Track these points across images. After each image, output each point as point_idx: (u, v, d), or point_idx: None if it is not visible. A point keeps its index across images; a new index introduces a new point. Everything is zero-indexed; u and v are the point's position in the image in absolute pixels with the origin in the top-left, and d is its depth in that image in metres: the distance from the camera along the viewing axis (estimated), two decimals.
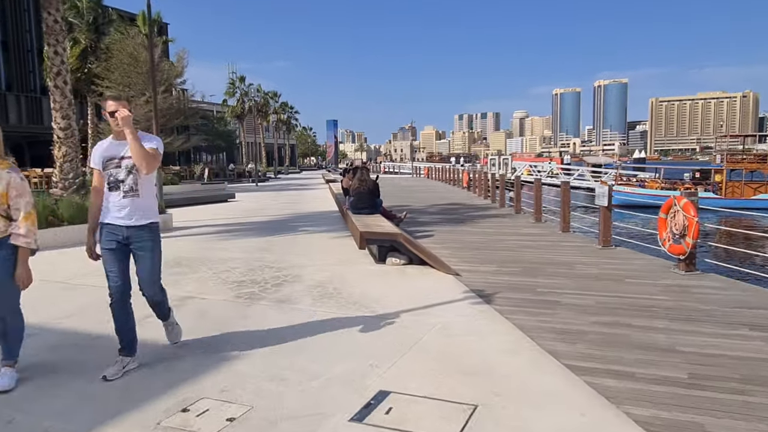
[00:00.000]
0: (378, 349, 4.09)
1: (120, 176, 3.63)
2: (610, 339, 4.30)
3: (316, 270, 7.13)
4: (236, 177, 44.70)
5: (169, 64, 27.18)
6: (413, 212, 13.75)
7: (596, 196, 8.63)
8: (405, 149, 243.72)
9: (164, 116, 26.39)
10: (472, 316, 4.96)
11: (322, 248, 8.99)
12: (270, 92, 68.75)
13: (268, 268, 7.31)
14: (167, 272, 7.16)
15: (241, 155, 59.12)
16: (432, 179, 41.38)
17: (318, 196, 22.82)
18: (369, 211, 9.56)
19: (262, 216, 14.73)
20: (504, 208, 15.69)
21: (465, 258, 7.88)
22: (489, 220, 12.89)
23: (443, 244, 9.17)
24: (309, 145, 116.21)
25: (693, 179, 33.71)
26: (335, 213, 14.94)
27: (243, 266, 7.45)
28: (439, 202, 18.28)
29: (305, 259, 7.90)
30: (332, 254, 8.35)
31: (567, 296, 5.66)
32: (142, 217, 3.71)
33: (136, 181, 3.64)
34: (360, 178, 9.77)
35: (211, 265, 7.58)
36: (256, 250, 8.76)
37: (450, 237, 10.07)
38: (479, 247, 8.87)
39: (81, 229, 9.81)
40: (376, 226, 8.07)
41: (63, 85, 10.68)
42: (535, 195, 12.45)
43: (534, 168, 45.41)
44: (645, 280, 6.38)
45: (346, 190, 11.08)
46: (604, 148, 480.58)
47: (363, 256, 8.01)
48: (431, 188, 27.31)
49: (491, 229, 11.21)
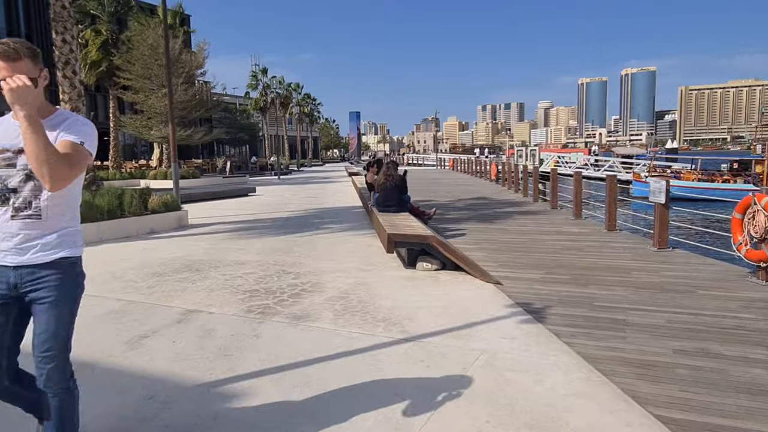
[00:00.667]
0: (413, 389, 3.32)
1: (12, 182, 2.13)
2: (701, 376, 3.45)
3: (338, 276, 6.39)
4: (258, 170, 44.31)
5: (190, 55, 26.67)
6: (440, 207, 12.92)
7: (651, 191, 7.70)
8: (428, 140, 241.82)
9: (185, 108, 25.97)
10: (523, 340, 4.15)
11: (345, 250, 8.24)
12: (293, 84, 68.34)
13: (286, 273, 6.58)
14: (173, 278, 6.54)
15: (264, 148, 58.75)
16: (457, 171, 40.40)
17: (340, 190, 22.11)
18: (396, 209, 8.78)
19: (282, 212, 14.07)
20: (538, 202, 14.76)
21: (503, 262, 7.06)
22: (524, 216, 11.99)
23: (477, 244, 8.35)
24: (332, 138, 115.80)
25: (731, 170, 32.10)
26: (359, 208, 14.20)
27: (258, 271, 6.74)
28: (467, 196, 17.41)
29: (327, 263, 7.16)
30: (356, 257, 7.60)
31: (632, 312, 4.81)
32: (46, 250, 2.17)
33: (38, 191, 2.13)
34: (386, 173, 8.98)
35: (223, 269, 6.89)
36: (274, 252, 8.06)
37: (483, 236, 9.23)
38: (518, 249, 8.02)
39: (89, 228, 9.27)
40: (406, 227, 7.27)
41: (72, 75, 10.07)
42: (575, 189, 11.51)
43: (562, 159, 44.03)
44: (719, 291, 5.48)
45: (371, 185, 10.29)
46: (631, 138, 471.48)
47: (390, 260, 7.24)
48: (457, 181, 26.38)
49: (528, 227, 10.33)
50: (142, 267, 7.10)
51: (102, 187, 10.12)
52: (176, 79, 25.46)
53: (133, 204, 9.98)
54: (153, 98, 24.78)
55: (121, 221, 9.74)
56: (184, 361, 3.82)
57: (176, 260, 7.56)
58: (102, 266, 7.19)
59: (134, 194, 10.18)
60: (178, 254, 8.04)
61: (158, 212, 10.49)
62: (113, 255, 8.09)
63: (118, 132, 28.18)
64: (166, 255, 7.96)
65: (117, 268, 7.01)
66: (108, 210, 9.58)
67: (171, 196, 10.83)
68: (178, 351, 4.02)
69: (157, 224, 10.36)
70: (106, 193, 9.80)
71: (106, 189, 9.96)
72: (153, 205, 10.46)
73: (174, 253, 8.18)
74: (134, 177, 26.97)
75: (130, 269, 6.98)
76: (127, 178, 26.96)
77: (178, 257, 7.78)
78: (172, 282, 6.25)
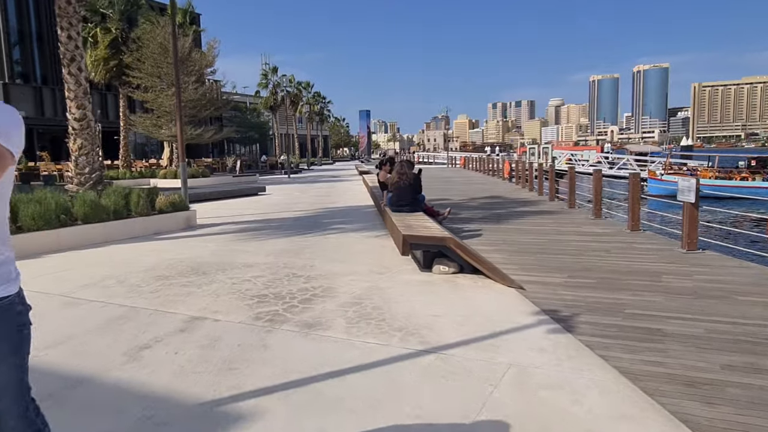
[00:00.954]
0: (436, 409, 3.00)
1: None
2: (757, 396, 3.10)
3: (351, 280, 6.08)
4: (268, 169, 44.16)
5: (200, 54, 26.49)
6: (453, 206, 12.57)
7: (680, 190, 7.32)
8: (438, 138, 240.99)
9: (195, 107, 25.81)
10: (554, 352, 3.82)
11: (357, 251, 7.94)
12: (303, 82, 68.20)
13: (296, 277, 6.29)
14: (179, 282, 6.27)
15: (274, 147, 58.63)
16: (469, 169, 39.97)
17: (351, 189, 21.83)
18: (410, 209, 8.46)
19: (292, 211, 13.80)
20: (554, 201, 14.37)
21: (524, 265, 6.72)
22: (541, 216, 11.63)
23: (495, 246, 8.01)
24: (342, 136, 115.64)
25: (749, 167, 31.43)
26: (370, 208, 13.90)
27: (267, 274, 6.45)
28: (481, 195, 17.04)
29: (339, 266, 6.86)
30: (369, 259, 7.30)
31: (668, 321, 4.46)
32: None
33: None
34: (399, 171, 8.66)
35: (231, 272, 6.61)
36: (283, 254, 7.78)
37: (500, 237, 8.89)
38: (538, 251, 7.67)
39: (95, 228, 9.05)
40: (422, 228, 6.95)
41: (77, 72, 9.84)
42: (594, 188, 11.13)
43: (574, 157, 43.40)
44: (759, 297, 5.11)
45: (383, 184, 9.98)
46: (644, 135, 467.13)
47: (405, 262, 6.92)
48: (470, 179, 25.99)
49: (547, 228, 9.96)
50: (147, 269, 6.85)
51: (109, 186, 9.90)
52: (186, 78, 25.30)
53: (140, 204, 9.74)
54: (163, 97, 24.62)
55: (127, 222, 9.51)
56: (186, 375, 3.54)
57: (182, 262, 7.30)
58: (107, 268, 6.94)
59: (141, 194, 9.95)
60: (185, 256, 7.78)
61: (166, 212, 10.25)
62: (119, 256, 7.85)
63: (128, 131, 28.08)
64: (173, 257, 7.71)
65: (122, 271, 6.76)
66: (114, 210, 9.35)
67: (179, 195, 10.58)
68: (181, 363, 3.74)
69: (164, 225, 10.12)
70: (113, 193, 9.57)
71: (112, 189, 9.74)
72: (160, 205, 10.22)
73: (181, 254, 7.92)
74: (144, 176, 26.86)
75: (134, 272, 6.72)
76: (137, 177, 26.86)
77: (184, 259, 7.52)
78: (177, 286, 5.98)
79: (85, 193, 9.03)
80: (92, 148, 9.97)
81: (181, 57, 25.29)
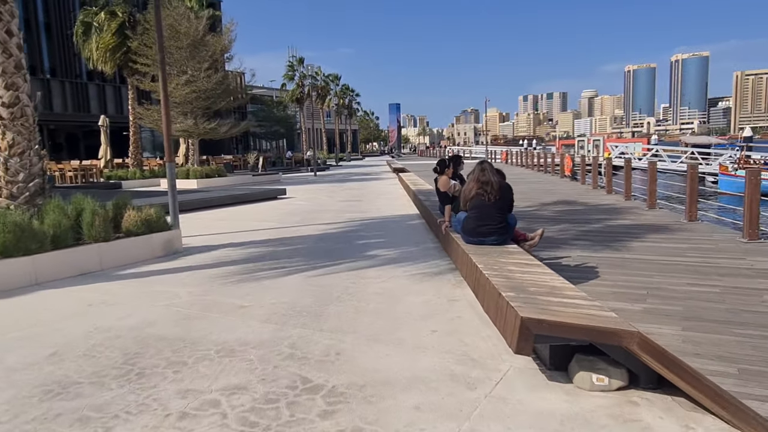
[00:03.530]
0: None
1: None
2: None
3: (415, 399, 2.98)
4: (294, 165, 41.38)
5: (215, 38, 23.63)
6: (521, 217, 9.03)
7: None
8: (468, 132, 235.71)
9: (209, 97, 23.01)
10: None
11: (414, 315, 4.80)
12: (330, 75, 65.22)
13: (308, 392, 3.20)
14: (79, 405, 2.82)
15: (302, 142, 55.85)
16: (513, 165, 36.39)
17: (385, 191, 18.75)
18: (497, 239, 5.31)
19: (315, 224, 10.76)
20: (655, 209, 10.96)
21: (735, 357, 3.48)
22: (654, 234, 8.24)
23: (633, 300, 4.76)
24: (371, 131, 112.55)
25: None
26: (414, 218, 10.79)
27: (254, 381, 3.40)
28: (549, 200, 13.69)
29: (385, 352, 3.77)
30: (438, 334, 4.17)
31: None
32: None
33: None
34: (480, 179, 5.49)
35: (189, 372, 3.57)
36: (293, 316, 4.72)
37: (629, 279, 5.60)
38: (723, 316, 4.38)
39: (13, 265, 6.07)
40: (555, 301, 3.64)
41: (6, 37, 6.92)
42: (689, 187, 7.99)
43: (615, 149, 39.04)
44: None
45: (446, 195, 6.78)
46: (682, 127, 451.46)
47: (506, 349, 3.75)
48: (521, 177, 22.52)
49: (690, 258, 6.56)
50: (40, 363, 3.84)
51: (51, 200, 6.96)
52: (199, 65, 22.52)
53: (96, 225, 6.80)
54: (172, 85, 21.83)
55: (74, 251, 6.58)
56: None
57: (120, 337, 4.31)
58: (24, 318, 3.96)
59: (99, 210, 7.01)
60: (132, 321, 4.77)
61: (136, 234, 7.30)
62: (26, 320, 4.88)
63: (138, 126, 25.49)
64: (111, 323, 4.71)
65: None
66: (55, 235, 6.43)
67: (155, 211, 7.59)
68: None
69: (131, 253, 7.17)
70: (55, 210, 6.66)
71: (55, 203, 6.82)
72: (128, 225, 7.27)
73: (127, 314, 4.94)
74: (156, 176, 24.21)
75: (18, 370, 3.74)
76: (148, 177, 24.24)
77: (125, 330, 4.51)
78: (67, 420, 2.96)
79: (7, 213, 6.12)
80: (29, 145, 7.01)
81: (193, 41, 22.54)
